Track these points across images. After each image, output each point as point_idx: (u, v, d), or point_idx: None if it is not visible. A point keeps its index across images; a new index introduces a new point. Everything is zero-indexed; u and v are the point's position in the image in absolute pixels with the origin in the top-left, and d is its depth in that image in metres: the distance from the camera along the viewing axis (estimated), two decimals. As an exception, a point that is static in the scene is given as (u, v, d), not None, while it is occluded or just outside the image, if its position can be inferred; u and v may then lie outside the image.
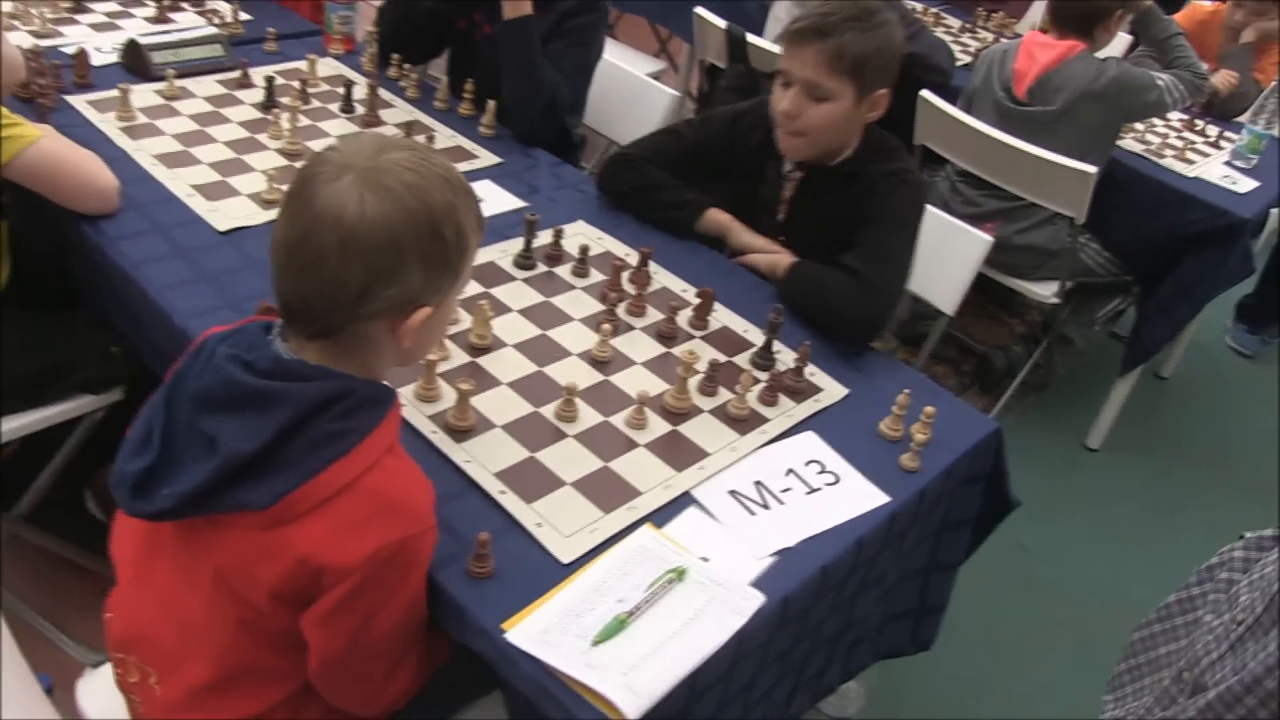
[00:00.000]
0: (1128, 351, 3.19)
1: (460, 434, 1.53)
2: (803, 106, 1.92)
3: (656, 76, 3.97)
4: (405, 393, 1.57)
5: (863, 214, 1.95)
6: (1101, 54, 3.00)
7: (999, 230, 3.03)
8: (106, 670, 1.50)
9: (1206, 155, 3.26)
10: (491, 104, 2.37)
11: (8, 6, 2.50)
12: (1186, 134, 3.40)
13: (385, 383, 1.28)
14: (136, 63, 2.33)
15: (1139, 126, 3.34)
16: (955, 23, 3.99)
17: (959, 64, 3.42)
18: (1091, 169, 2.73)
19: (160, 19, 2.62)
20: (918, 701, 2.39)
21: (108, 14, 2.62)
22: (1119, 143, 3.18)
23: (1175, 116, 3.51)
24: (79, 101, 2.18)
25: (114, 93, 2.17)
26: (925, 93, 2.99)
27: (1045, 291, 3.10)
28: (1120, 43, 3.75)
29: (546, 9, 2.40)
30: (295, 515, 1.15)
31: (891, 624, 1.87)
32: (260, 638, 1.25)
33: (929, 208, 2.42)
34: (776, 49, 2.95)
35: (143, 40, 2.33)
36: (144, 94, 2.25)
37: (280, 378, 1.16)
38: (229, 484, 1.14)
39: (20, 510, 2.09)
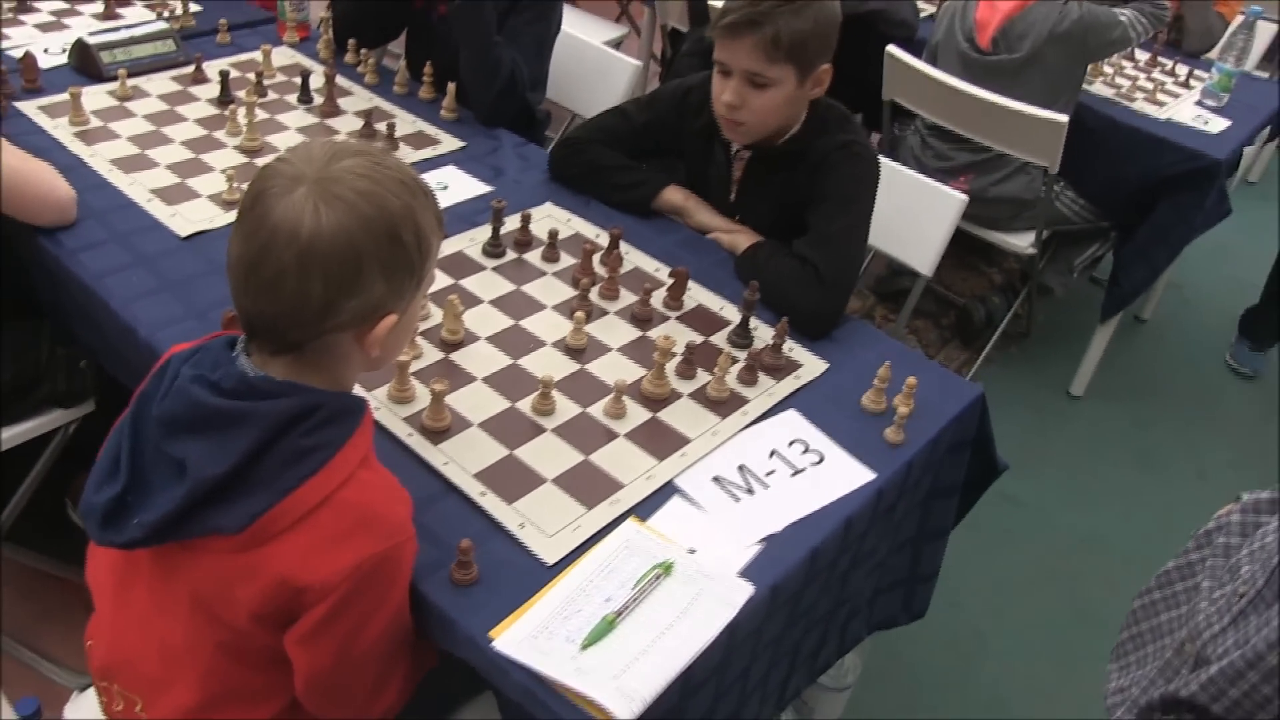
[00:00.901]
0: (1107, 297, 3.18)
1: (437, 435, 1.50)
2: (745, 97, 1.87)
3: (618, 43, 3.93)
4: (379, 395, 1.55)
5: (813, 191, 1.92)
6: None
7: (972, 183, 3.01)
8: (93, 694, 1.48)
9: (1177, 96, 3.24)
10: (452, 86, 2.32)
11: (-51, 10, 2.44)
12: (1156, 75, 3.37)
13: (356, 393, 1.25)
14: (86, 63, 2.27)
15: (1108, 70, 3.31)
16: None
17: (923, 15, 3.37)
18: (1063, 118, 2.71)
19: (108, 15, 2.56)
20: (913, 660, 2.40)
21: (54, 13, 2.55)
22: (1089, 88, 3.15)
23: (1142, 56, 3.48)
24: (29, 107, 2.13)
25: (64, 96, 2.11)
26: (891, 48, 2.96)
27: (1021, 243, 3.09)
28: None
29: None
30: (271, 535, 1.13)
31: (883, 595, 1.87)
32: (243, 659, 1.23)
33: (899, 167, 2.41)
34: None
35: (91, 40, 2.27)
36: (96, 96, 2.20)
37: (246, 396, 1.13)
38: (200, 508, 1.11)
39: (-1, 528, 2.07)
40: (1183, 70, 3.40)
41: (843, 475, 1.56)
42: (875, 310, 3.55)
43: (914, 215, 2.35)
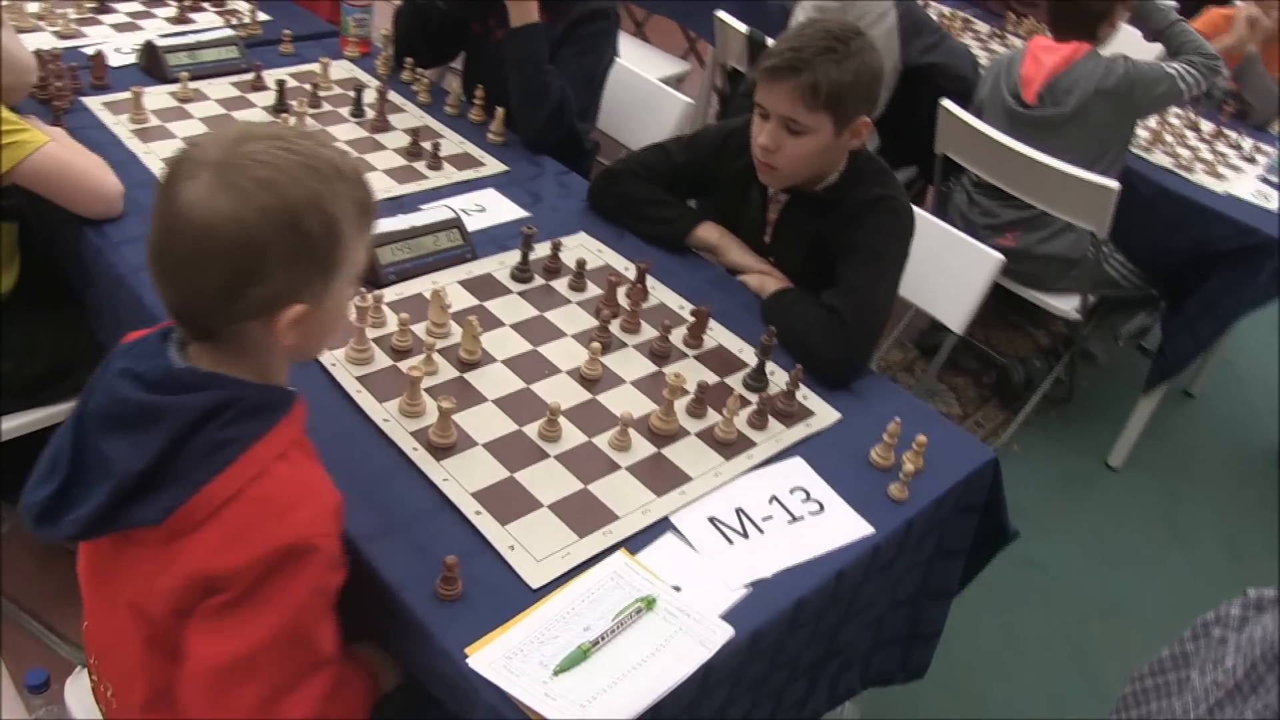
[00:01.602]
0: (1152, 368, 3.14)
1: (441, 451, 1.53)
2: (780, 140, 1.88)
3: (682, 78, 3.97)
4: (390, 407, 1.58)
5: (844, 243, 1.93)
6: (1107, 51, 2.94)
7: (1019, 240, 2.99)
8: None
9: (1240, 170, 3.19)
10: (500, 111, 2.37)
11: (33, 7, 2.53)
12: (1221, 147, 3.33)
13: (291, 387, 1.26)
14: (153, 64, 2.35)
15: (1169, 139, 3.27)
16: (985, 28, 3.94)
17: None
18: (1114, 184, 2.69)
19: (180, 19, 2.64)
20: (910, 715, 2.37)
21: (130, 14, 2.64)
22: (1147, 156, 3.12)
23: (1207, 127, 3.44)
24: (94, 103, 2.21)
25: (128, 94, 2.19)
26: (945, 101, 2.95)
27: (1066, 305, 3.05)
28: (1129, 37, 3.68)
29: (557, 17, 2.39)
30: (188, 529, 1.13)
31: (881, 651, 1.85)
32: (171, 656, 1.22)
33: (938, 222, 2.41)
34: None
35: (160, 42, 2.35)
36: (158, 96, 2.27)
37: (168, 390, 1.14)
38: (125, 503, 1.13)
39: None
40: (1248, 143, 3.36)
41: (840, 527, 1.55)
42: (916, 364, 3.53)
43: (950, 271, 2.34)
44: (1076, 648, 2.65)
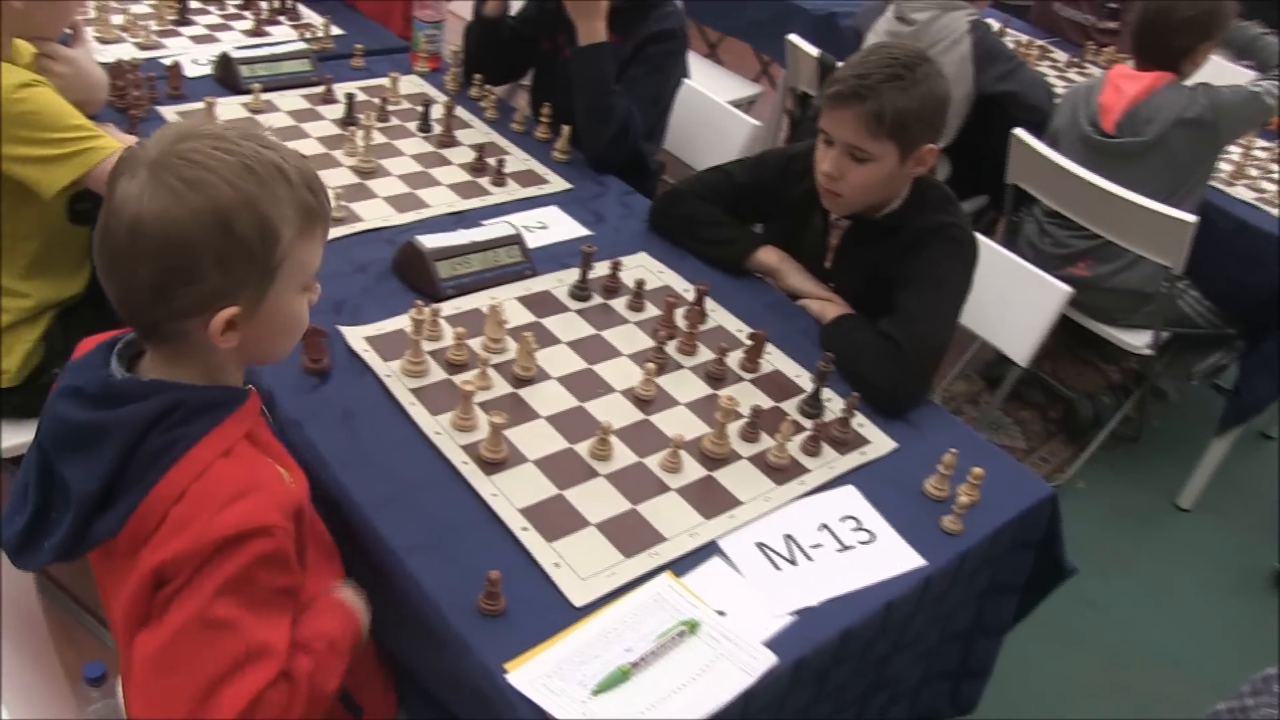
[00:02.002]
0: (1227, 408, 3.04)
1: (491, 466, 1.53)
2: (844, 167, 1.86)
3: (754, 101, 3.97)
4: (442, 421, 1.58)
5: (906, 271, 1.90)
6: (1191, 81, 2.87)
7: (1092, 269, 2.93)
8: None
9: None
10: (566, 129, 2.38)
11: (117, 19, 2.60)
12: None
13: (246, 386, 1.26)
14: (227, 75, 2.40)
15: (1253, 172, 3.18)
16: (1063, 56, 3.87)
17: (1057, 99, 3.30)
18: (1191, 218, 2.62)
19: (256, 32, 2.70)
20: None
21: (208, 26, 2.70)
22: (1227, 189, 3.04)
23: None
24: (169, 112, 2.26)
25: (201, 104, 2.23)
26: (1018, 131, 2.91)
27: (1138, 341, 2.98)
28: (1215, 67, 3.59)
29: (626, 36, 2.40)
30: (145, 535, 1.13)
31: (930, 685, 1.82)
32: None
33: (1005, 252, 2.37)
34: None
35: (234, 54, 2.40)
36: (230, 106, 2.32)
37: (109, 404, 1.14)
38: (90, 521, 1.14)
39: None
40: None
41: (891, 558, 1.53)
42: (981, 396, 3.47)
43: (1016, 303, 2.30)
44: (1129, 695, 2.57)
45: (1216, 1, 2.78)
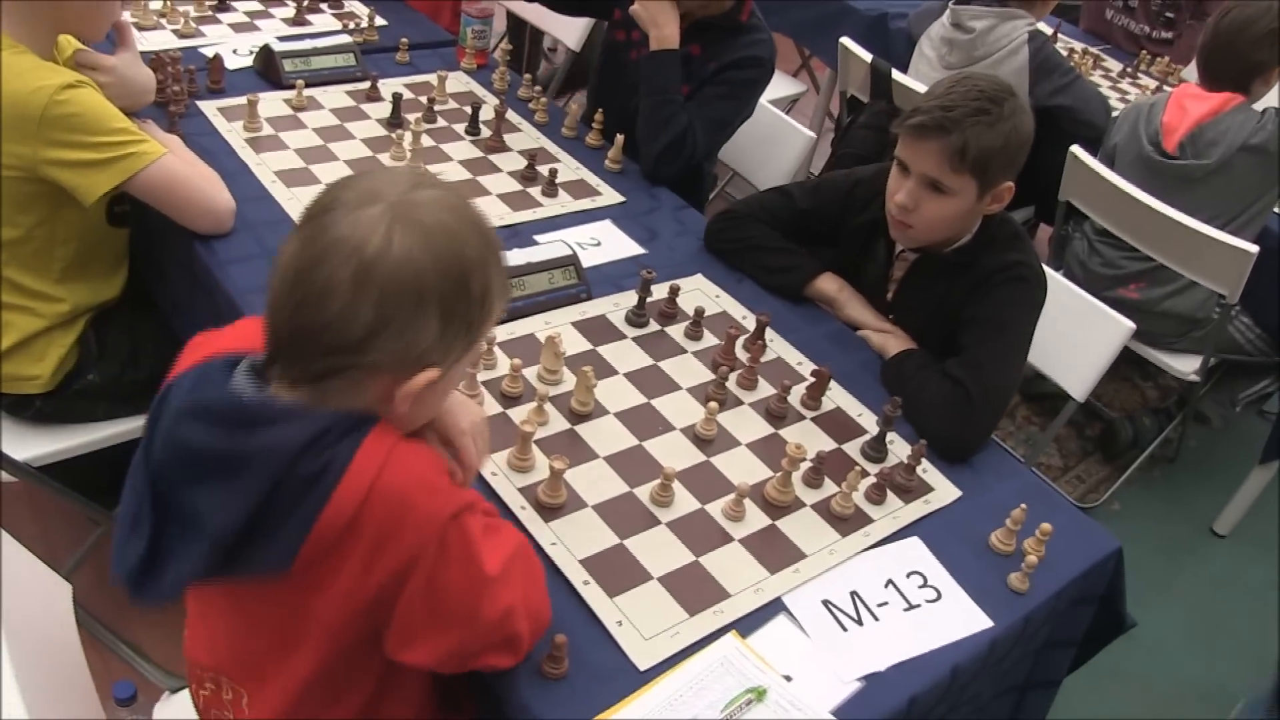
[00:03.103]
0: (1271, 439, 2.97)
1: (550, 511, 1.47)
2: (920, 200, 1.79)
3: (795, 100, 3.88)
4: (498, 460, 1.53)
5: (973, 310, 1.84)
6: (1260, 105, 2.79)
7: (1143, 293, 2.86)
8: (183, 697, 1.49)
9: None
10: (620, 137, 2.31)
11: (155, 4, 2.52)
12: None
13: None
14: (269, 69, 2.33)
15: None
16: (1116, 66, 3.79)
17: (1114, 114, 3.23)
18: (1253, 248, 2.55)
19: (298, 20, 2.62)
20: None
21: (248, 13, 2.63)
22: (1282, 212, 2.97)
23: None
24: (209, 107, 2.19)
25: (243, 100, 2.16)
26: (1075, 149, 2.83)
27: (1185, 367, 2.92)
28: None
29: (711, 54, 2.34)
30: (322, 553, 1.05)
31: (982, 737, 1.77)
32: (342, 651, 1.17)
33: (1069, 285, 2.30)
34: (921, 88, 2.84)
35: (277, 47, 2.33)
36: (272, 102, 2.25)
37: (245, 426, 1.04)
38: (233, 554, 1.04)
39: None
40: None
41: (958, 618, 1.48)
42: (1019, 409, 3.41)
43: (1076, 337, 2.24)
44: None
45: None
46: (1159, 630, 2.76)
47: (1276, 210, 2.92)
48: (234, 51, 2.39)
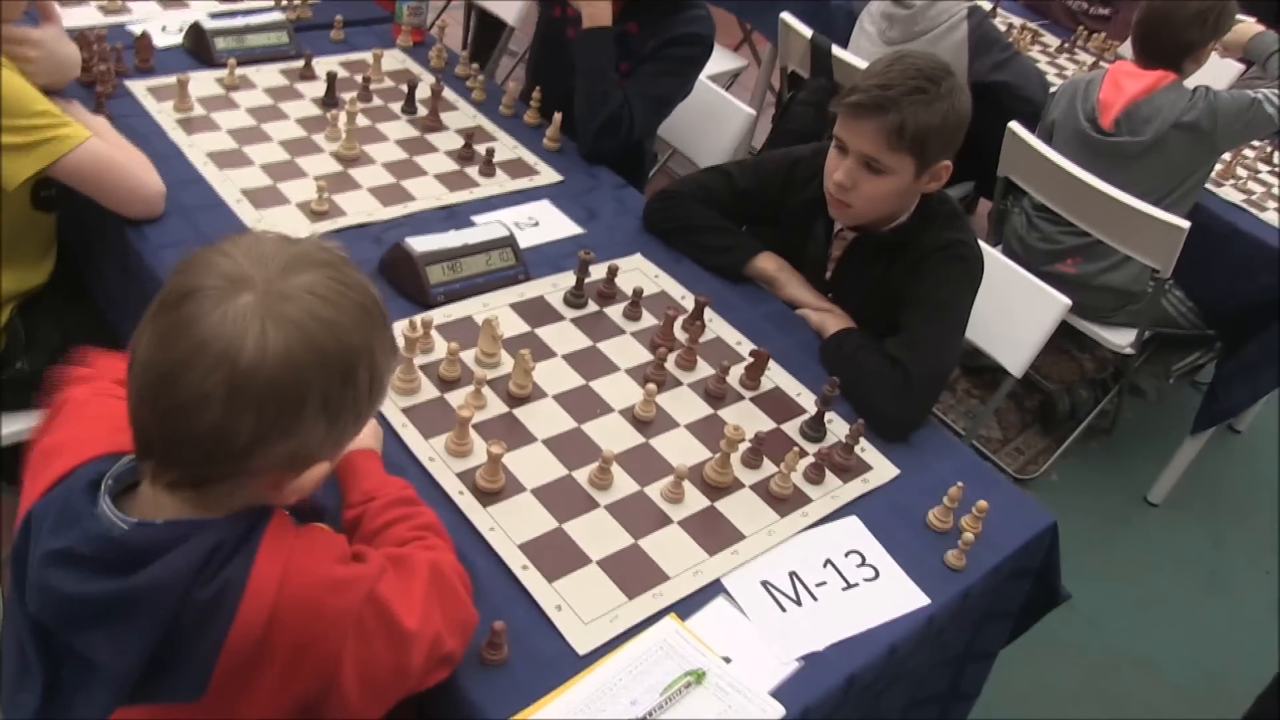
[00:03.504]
0: (1201, 410, 3.03)
1: (488, 496, 1.46)
2: (858, 179, 1.80)
3: (737, 75, 3.88)
4: (435, 445, 1.51)
5: (911, 288, 1.85)
6: (1191, 82, 2.83)
7: (1080, 268, 2.90)
8: None
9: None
10: (558, 116, 2.29)
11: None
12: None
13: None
14: (199, 47, 2.28)
15: (1241, 172, 3.15)
16: (1054, 41, 3.82)
17: (1052, 90, 3.26)
18: (1184, 223, 2.59)
19: (230, -4, 2.56)
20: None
21: (179, -12, 2.56)
22: (1216, 190, 3.02)
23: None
24: (139, 87, 2.14)
25: (173, 80, 2.11)
26: (1014, 125, 2.85)
27: (1120, 340, 2.96)
28: (1229, 70, 3.56)
29: (650, 30, 2.32)
30: (236, 672, 0.98)
31: (917, 709, 1.79)
32: None
33: (1007, 261, 2.32)
34: (862, 64, 2.85)
35: (207, 24, 2.27)
36: (204, 82, 2.20)
37: (125, 567, 0.94)
38: (140, 689, 0.97)
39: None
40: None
41: (896, 596, 1.49)
42: (960, 382, 3.45)
43: (1013, 313, 2.26)
44: (1107, 700, 2.59)
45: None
46: (1094, 599, 2.81)
47: (1207, 186, 2.97)
48: (162, 29, 2.33)
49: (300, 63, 2.32)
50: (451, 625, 1.17)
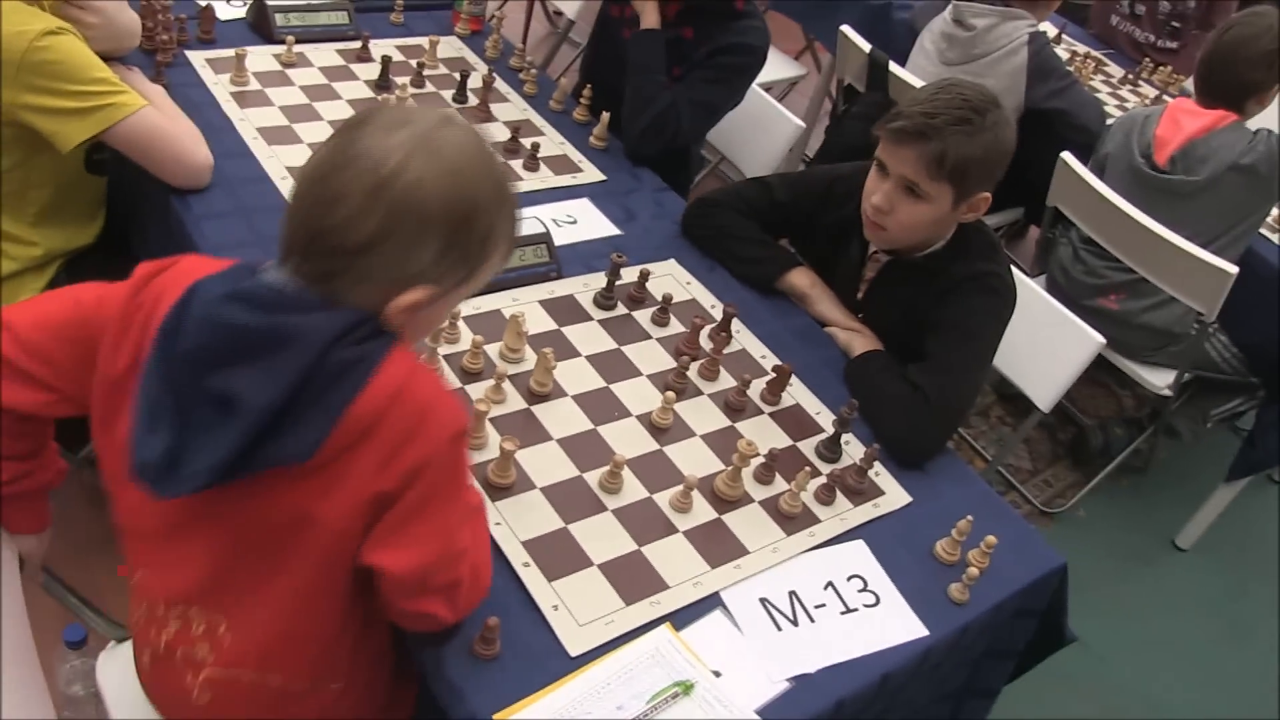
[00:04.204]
0: (1239, 458, 2.99)
1: (497, 491, 1.48)
2: (895, 203, 1.80)
3: (795, 82, 3.87)
4: (451, 435, 1.53)
5: (939, 316, 1.84)
6: (1255, 124, 2.78)
7: (1123, 304, 2.87)
8: (127, 648, 1.51)
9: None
10: (605, 115, 2.30)
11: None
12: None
13: None
14: (261, 22, 2.32)
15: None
16: (1118, 71, 3.76)
17: (1109, 122, 3.22)
18: (1232, 269, 2.55)
19: (295, -28, 2.60)
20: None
21: (246, -37, 2.60)
22: (1270, 236, 2.97)
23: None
24: (198, 58, 2.18)
25: (231, 53, 2.15)
26: (1066, 155, 2.82)
27: (1159, 381, 2.92)
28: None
29: (704, 37, 2.32)
30: (340, 451, 1.11)
31: (915, 742, 1.79)
32: (335, 573, 1.21)
33: (1043, 294, 2.31)
34: (918, 82, 2.83)
35: (270, 1, 2.31)
36: (262, 56, 2.24)
37: (287, 309, 1.09)
38: (262, 441, 1.08)
39: (84, 454, 2.12)
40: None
41: (893, 625, 1.49)
42: (993, 409, 3.42)
43: (1046, 347, 2.24)
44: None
45: None
46: (1108, 638, 2.78)
47: (1262, 232, 2.92)
48: (227, 1, 2.37)
49: (358, 44, 2.35)
50: (477, 561, 1.27)
